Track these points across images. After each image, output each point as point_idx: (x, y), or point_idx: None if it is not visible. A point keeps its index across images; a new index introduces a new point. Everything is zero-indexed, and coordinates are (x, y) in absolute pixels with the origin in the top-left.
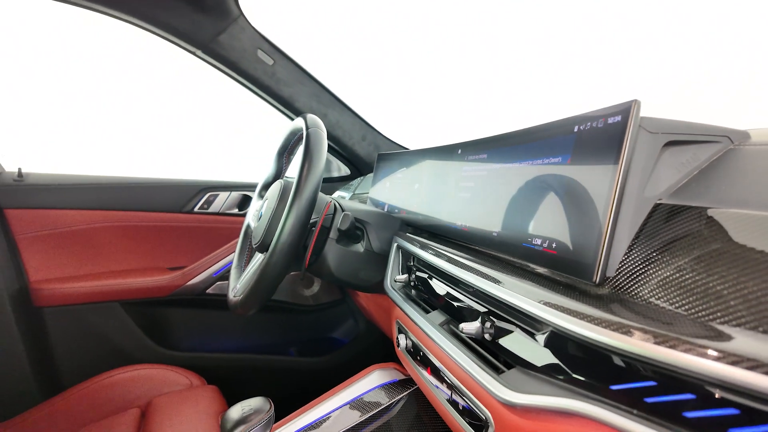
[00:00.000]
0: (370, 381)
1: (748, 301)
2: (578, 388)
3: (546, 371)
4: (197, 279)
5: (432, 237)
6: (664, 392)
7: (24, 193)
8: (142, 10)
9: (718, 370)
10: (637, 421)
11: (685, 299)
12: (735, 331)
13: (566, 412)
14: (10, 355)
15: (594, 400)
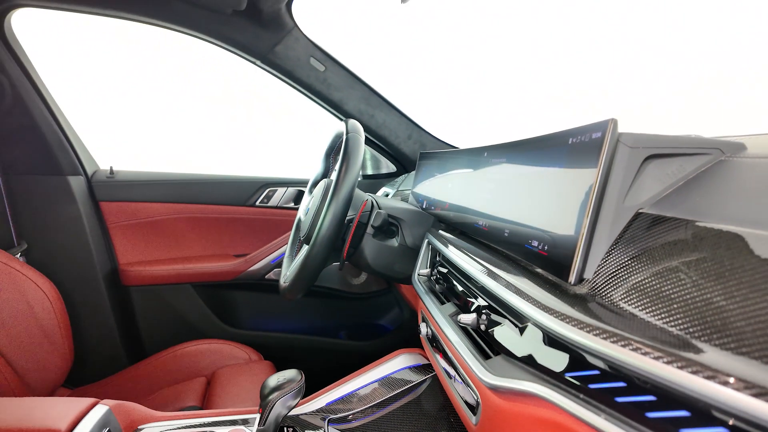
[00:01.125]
0: (396, 363)
1: (711, 313)
2: (543, 374)
3: (523, 359)
4: (258, 265)
5: (460, 235)
6: (605, 380)
7: (114, 188)
8: (211, 27)
9: (660, 369)
10: (579, 403)
11: (648, 304)
12: (694, 340)
13: (528, 393)
14: (104, 327)
15: (551, 384)
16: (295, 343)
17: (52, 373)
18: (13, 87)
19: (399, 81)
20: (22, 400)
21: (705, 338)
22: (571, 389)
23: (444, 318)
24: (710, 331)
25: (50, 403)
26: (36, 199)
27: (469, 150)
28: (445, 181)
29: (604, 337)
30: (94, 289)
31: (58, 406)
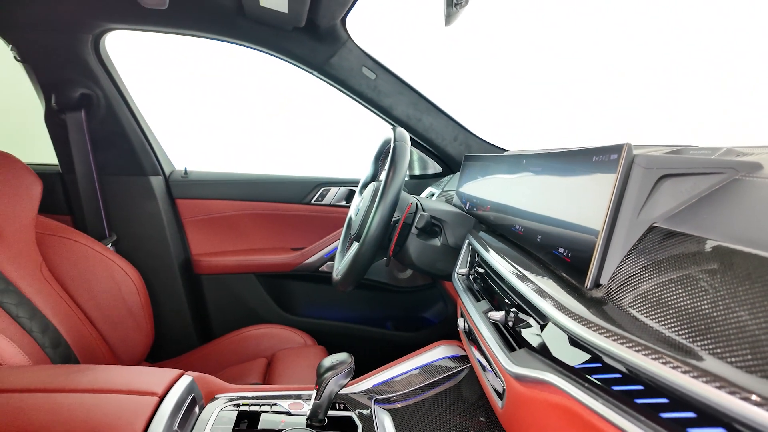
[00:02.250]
0: (436, 353)
1: (708, 325)
2: (556, 365)
3: (541, 352)
4: (313, 258)
5: (499, 237)
6: (605, 371)
7: (188, 186)
8: (274, 43)
9: (652, 366)
10: (583, 391)
11: (654, 309)
12: (693, 346)
13: (543, 381)
14: (178, 311)
15: (562, 374)
16: (345, 331)
17: (136, 348)
18: (106, 99)
19: (449, 85)
20: (127, 368)
21: (702, 345)
22: (578, 379)
23: (478, 314)
24: (708, 340)
25: (147, 371)
26: (123, 196)
27: (509, 156)
28: (487, 184)
29: (607, 336)
30: (171, 277)
31: (154, 374)
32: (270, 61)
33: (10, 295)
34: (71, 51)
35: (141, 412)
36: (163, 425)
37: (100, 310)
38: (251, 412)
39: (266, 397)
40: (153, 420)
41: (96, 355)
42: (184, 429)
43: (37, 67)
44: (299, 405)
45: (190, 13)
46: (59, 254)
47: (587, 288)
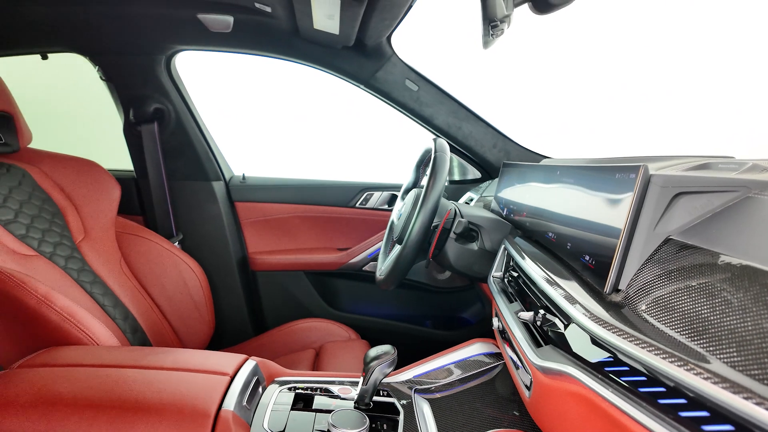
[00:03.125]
0: (472, 349)
1: (710, 329)
2: (575, 359)
3: (564, 348)
4: (357, 258)
5: (534, 242)
6: (616, 365)
7: (246, 190)
8: (324, 60)
9: (658, 362)
10: (597, 381)
11: (665, 313)
12: (694, 346)
13: (563, 373)
14: (236, 304)
15: (580, 367)
16: (386, 327)
17: (199, 337)
18: (176, 113)
19: (496, 91)
20: (201, 351)
21: (702, 346)
22: (593, 371)
23: (510, 314)
24: (706, 341)
25: (218, 354)
26: (189, 199)
27: (544, 166)
28: (523, 191)
29: (620, 335)
30: (229, 273)
31: (224, 357)
32: (320, 76)
33: (97, 286)
34: (147, 70)
35: (217, 387)
36: (234, 400)
37: (169, 301)
38: (306, 394)
39: (318, 382)
40: (226, 395)
41: (166, 341)
42: (251, 405)
43: (118, 86)
44: (347, 390)
45: (251, 36)
46: (135, 251)
47: (607, 292)
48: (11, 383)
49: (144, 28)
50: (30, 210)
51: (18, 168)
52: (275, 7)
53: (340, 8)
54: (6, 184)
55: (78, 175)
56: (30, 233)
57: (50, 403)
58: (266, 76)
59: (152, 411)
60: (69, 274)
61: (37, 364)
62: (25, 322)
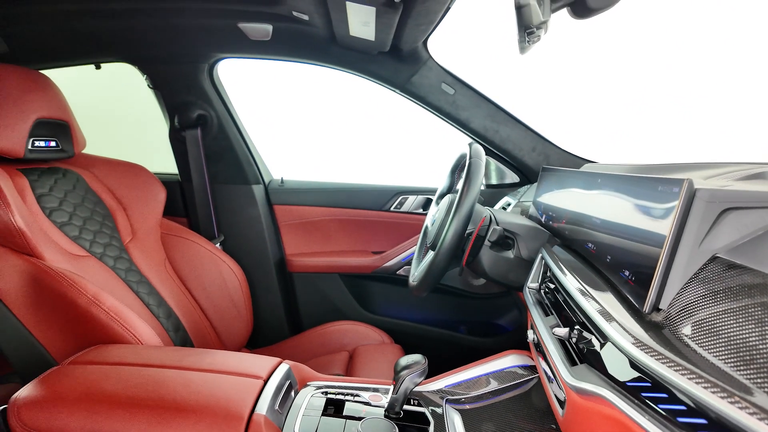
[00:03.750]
0: (506, 361)
1: (764, 361)
2: (610, 380)
3: (599, 368)
4: (391, 262)
5: (573, 252)
6: (653, 390)
7: (284, 194)
8: (361, 65)
9: (706, 396)
10: (631, 406)
11: (709, 338)
12: (740, 377)
13: (597, 395)
14: (274, 304)
15: (614, 389)
16: (421, 332)
17: (238, 335)
18: (218, 119)
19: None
20: (236, 354)
21: (749, 377)
22: (629, 395)
23: (546, 329)
24: (762, 374)
25: (253, 357)
26: (230, 202)
27: (584, 173)
28: (563, 198)
29: (660, 360)
30: (268, 274)
31: (258, 360)
32: (355, 80)
33: (143, 286)
34: (191, 78)
35: (250, 390)
36: (267, 404)
37: (209, 301)
38: (337, 399)
39: (350, 388)
40: (260, 398)
41: (206, 339)
42: (283, 409)
43: (164, 93)
44: (378, 397)
45: (289, 43)
46: (178, 252)
47: (646, 312)
48: (62, 379)
49: (188, 38)
50: (83, 212)
51: (73, 172)
52: (312, 15)
53: (375, 15)
54: (62, 188)
55: (127, 179)
56: (82, 234)
57: (95, 400)
58: (304, 81)
59: (188, 411)
60: (117, 274)
61: (85, 361)
62: (76, 320)
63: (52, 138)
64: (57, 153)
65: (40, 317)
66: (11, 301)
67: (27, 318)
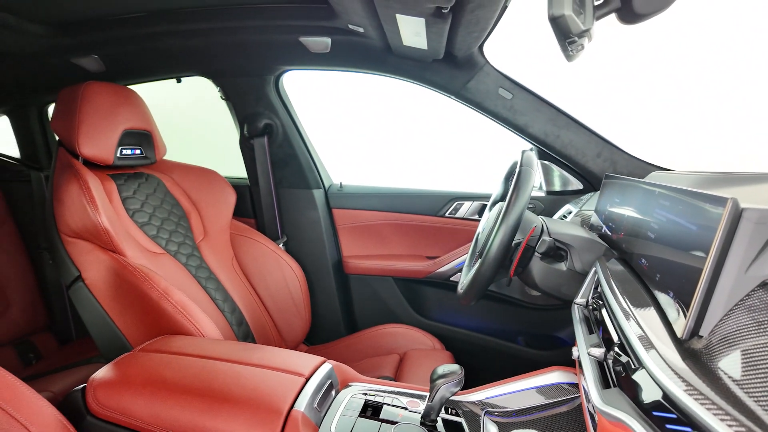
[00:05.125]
0: (551, 377)
1: None
2: (639, 408)
3: (630, 393)
4: (445, 267)
5: (629, 267)
6: (683, 424)
7: (342, 198)
8: (416, 73)
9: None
10: None
11: (752, 373)
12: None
13: (624, 423)
14: (330, 304)
15: (641, 419)
16: (473, 340)
17: (296, 332)
18: (283, 127)
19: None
20: (284, 350)
21: None
22: (653, 425)
23: (585, 347)
24: None
25: (298, 355)
26: (293, 205)
27: (643, 185)
28: (622, 209)
29: (691, 394)
30: (326, 275)
31: (303, 358)
32: (410, 87)
33: (211, 282)
34: (259, 90)
35: (292, 387)
36: (306, 400)
37: (271, 298)
38: (376, 402)
39: (389, 392)
40: (300, 395)
41: (267, 334)
42: (322, 407)
43: (235, 104)
44: (416, 403)
45: (347, 54)
46: (245, 251)
47: (682, 338)
48: (132, 364)
49: (256, 53)
50: (161, 213)
51: (154, 177)
52: (366, 27)
53: (425, 26)
54: (144, 191)
55: (201, 183)
56: (160, 233)
57: (156, 385)
58: (362, 89)
59: (234, 402)
60: (189, 270)
61: (152, 349)
62: (149, 312)
63: (137, 146)
64: (141, 160)
65: (120, 307)
66: (97, 292)
67: (110, 307)
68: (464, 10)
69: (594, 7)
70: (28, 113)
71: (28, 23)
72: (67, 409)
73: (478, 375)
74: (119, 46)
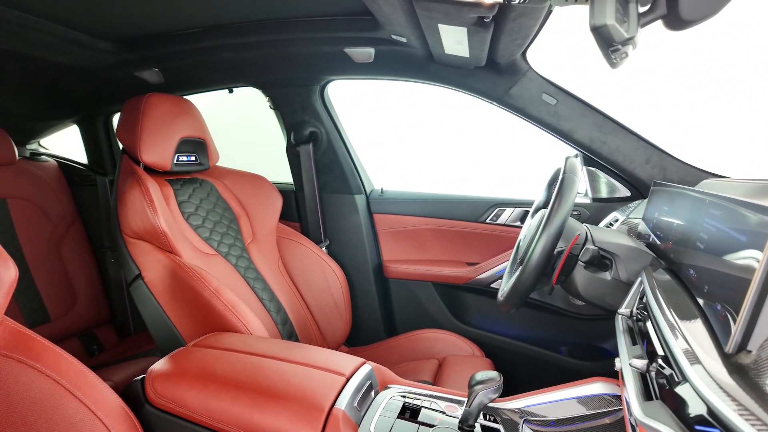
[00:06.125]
0: (592, 388)
1: None
2: (681, 423)
3: (672, 407)
4: (485, 274)
5: (676, 278)
6: None
7: (383, 203)
8: (457, 80)
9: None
10: None
11: None
12: None
13: None
14: (371, 307)
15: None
16: (514, 348)
17: (338, 333)
18: (328, 135)
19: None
20: (326, 350)
21: None
22: None
23: (627, 359)
24: None
25: (340, 355)
26: (336, 210)
27: (693, 193)
28: (671, 218)
29: (735, 409)
30: (366, 278)
31: (344, 359)
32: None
33: (258, 282)
34: (305, 99)
35: (333, 386)
36: (347, 399)
37: (314, 299)
38: (414, 405)
39: (428, 395)
40: (341, 394)
41: (310, 334)
42: (362, 407)
43: (283, 113)
44: (454, 408)
45: (390, 63)
46: (290, 253)
47: (729, 352)
48: (186, 358)
49: (303, 64)
50: (213, 217)
51: (207, 182)
52: (409, 37)
53: (467, 35)
54: (198, 196)
55: (250, 188)
56: (212, 236)
57: (208, 379)
58: (404, 95)
59: (280, 398)
60: (238, 271)
61: (204, 345)
62: (201, 309)
63: (192, 153)
64: (196, 166)
65: (175, 304)
66: (155, 289)
67: (166, 304)
68: (507, 18)
69: (638, 15)
70: (95, 122)
71: (98, 41)
72: (128, 398)
73: (518, 383)
74: (177, 60)
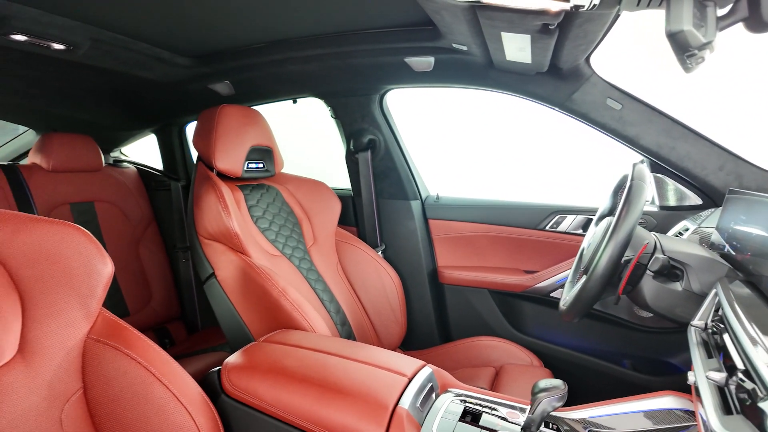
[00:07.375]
0: (662, 402)
1: None
2: None
3: (756, 423)
4: (544, 283)
5: (756, 290)
6: None
7: (438, 209)
8: (518, 86)
9: None
10: None
11: None
12: None
13: None
14: (425, 312)
15: None
16: (574, 359)
17: (393, 336)
18: (385, 142)
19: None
20: (387, 351)
21: None
22: None
23: (704, 372)
24: None
25: (401, 357)
26: (392, 215)
27: None
28: (749, 227)
29: None
30: (421, 283)
31: (405, 360)
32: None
33: (319, 283)
34: (365, 108)
35: (396, 385)
36: (410, 400)
37: (370, 302)
38: (475, 410)
39: (489, 401)
40: (404, 394)
41: (366, 335)
42: (424, 408)
43: (344, 122)
44: (515, 415)
45: (450, 71)
46: (348, 257)
47: None
48: (257, 353)
49: (364, 74)
50: (279, 220)
51: (273, 188)
52: (470, 45)
53: (531, 41)
54: (265, 201)
55: (311, 193)
56: (277, 238)
57: (278, 372)
58: (463, 101)
59: (345, 394)
60: (301, 273)
61: (274, 340)
62: (269, 307)
63: (260, 161)
64: (263, 172)
65: (245, 302)
66: (227, 288)
67: (237, 301)
68: (572, 24)
69: (717, 18)
70: (171, 131)
71: (177, 57)
72: (205, 387)
73: (578, 396)
74: (247, 73)
